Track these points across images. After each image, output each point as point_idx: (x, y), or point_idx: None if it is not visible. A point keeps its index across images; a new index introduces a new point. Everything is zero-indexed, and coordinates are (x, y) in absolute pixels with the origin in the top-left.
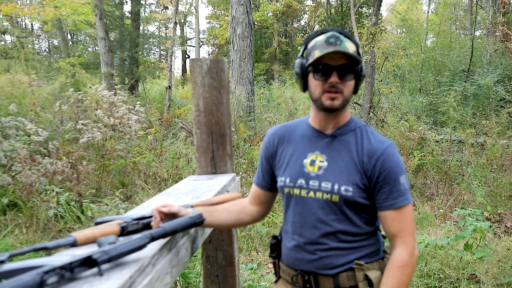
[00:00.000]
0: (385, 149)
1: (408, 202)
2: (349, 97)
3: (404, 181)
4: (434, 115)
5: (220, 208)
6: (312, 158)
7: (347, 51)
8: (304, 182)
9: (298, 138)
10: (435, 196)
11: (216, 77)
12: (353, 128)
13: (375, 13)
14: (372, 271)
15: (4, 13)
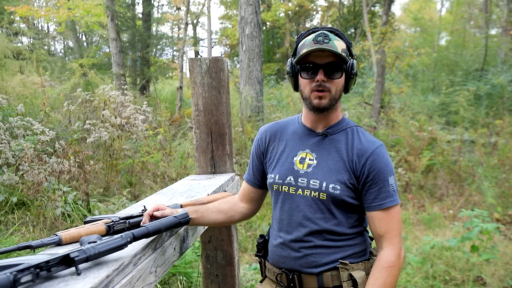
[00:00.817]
0: (375, 149)
1: (396, 203)
2: (338, 96)
3: (392, 182)
4: (446, 115)
5: (211, 206)
6: (302, 156)
7: (332, 49)
8: (293, 180)
9: (289, 135)
10: (445, 197)
11: (215, 76)
12: (344, 128)
13: (386, 12)
14: (357, 271)
15: (20, 15)
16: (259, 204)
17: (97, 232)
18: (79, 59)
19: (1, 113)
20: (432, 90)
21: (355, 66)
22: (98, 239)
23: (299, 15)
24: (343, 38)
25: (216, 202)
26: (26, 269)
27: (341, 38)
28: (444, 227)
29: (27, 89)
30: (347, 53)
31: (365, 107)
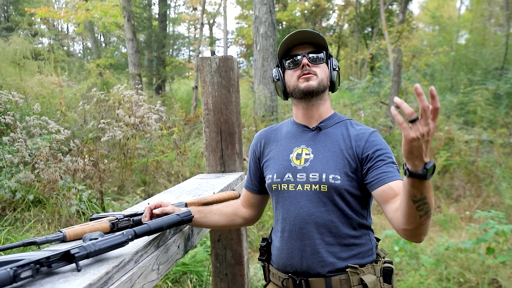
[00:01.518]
0: (372, 132)
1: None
2: (325, 82)
3: (394, 160)
4: (465, 115)
5: (214, 209)
6: (298, 152)
7: (311, 31)
8: (292, 176)
9: (283, 135)
10: (461, 198)
11: (225, 75)
12: (337, 122)
13: (402, 10)
14: (368, 275)
15: (40, 16)
16: (260, 210)
17: (101, 229)
18: (97, 59)
19: (19, 112)
20: (450, 90)
21: (334, 62)
22: (100, 236)
23: (315, 14)
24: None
25: (220, 205)
26: (26, 264)
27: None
28: (460, 229)
29: (45, 89)
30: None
31: (381, 107)
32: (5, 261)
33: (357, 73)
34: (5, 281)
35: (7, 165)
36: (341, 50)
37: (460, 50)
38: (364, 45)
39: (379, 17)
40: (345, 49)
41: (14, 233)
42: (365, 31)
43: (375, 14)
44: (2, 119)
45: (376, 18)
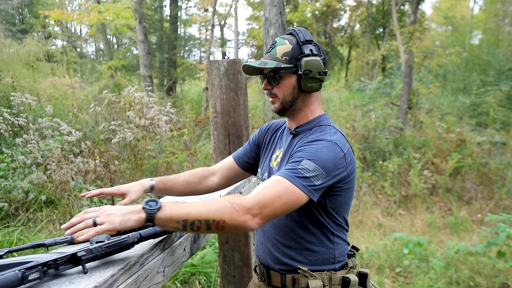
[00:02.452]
0: (313, 140)
1: (287, 178)
2: (288, 99)
3: (305, 167)
4: (477, 116)
5: (180, 180)
6: (277, 154)
7: (255, 64)
8: (267, 176)
9: (279, 135)
10: (473, 200)
11: (233, 78)
12: (312, 127)
13: (414, 11)
14: (314, 281)
15: (53, 18)
16: (229, 184)
17: (107, 232)
18: (109, 61)
19: (32, 114)
20: (463, 91)
21: (303, 66)
22: (106, 238)
23: (327, 15)
24: (296, 37)
25: (187, 175)
26: (34, 266)
27: (294, 36)
28: (471, 232)
29: (57, 90)
30: (294, 54)
31: (392, 108)
32: (14, 263)
33: (368, 74)
34: (14, 282)
35: (20, 166)
36: (352, 50)
37: (473, 50)
38: (375, 46)
39: (391, 18)
40: (356, 49)
41: (27, 233)
42: (377, 32)
43: (387, 14)
44: (16, 121)
45: (388, 19)
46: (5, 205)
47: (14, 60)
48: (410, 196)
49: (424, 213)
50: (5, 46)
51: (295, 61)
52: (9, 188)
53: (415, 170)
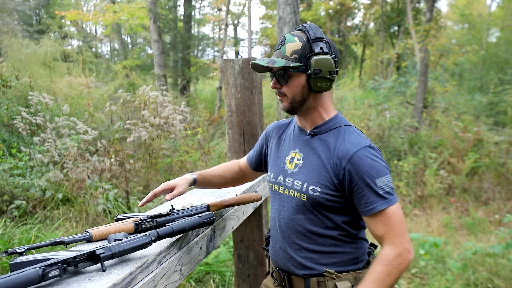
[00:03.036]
0: (356, 151)
1: (390, 204)
2: (297, 98)
3: (382, 184)
4: (495, 115)
5: (217, 174)
6: (292, 156)
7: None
8: (282, 179)
9: (288, 135)
10: (491, 200)
11: (248, 77)
12: (332, 128)
13: (429, 9)
14: (342, 282)
15: (69, 18)
16: (248, 179)
17: (125, 230)
18: (124, 60)
19: (49, 113)
20: (480, 89)
21: (312, 64)
22: (124, 237)
23: (340, 14)
24: (307, 34)
25: (222, 170)
26: (54, 264)
27: (304, 33)
28: (488, 233)
29: (73, 90)
30: (303, 52)
31: (407, 107)
32: (34, 260)
33: (383, 73)
34: (34, 279)
35: (37, 165)
36: (367, 49)
37: (491, 48)
38: (390, 44)
39: (406, 16)
40: (370, 48)
41: (44, 231)
42: (391, 30)
43: (402, 12)
44: (33, 120)
45: (403, 17)
46: (23, 203)
47: (32, 60)
48: (425, 196)
49: (440, 214)
50: (22, 47)
51: (305, 60)
52: (27, 186)
53: (431, 170)
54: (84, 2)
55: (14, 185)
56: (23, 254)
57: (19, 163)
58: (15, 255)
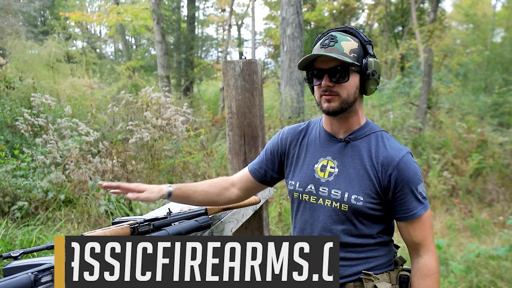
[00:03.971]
0: (402, 157)
1: (427, 209)
2: (350, 99)
3: (421, 190)
4: (499, 116)
5: (200, 189)
6: (323, 164)
7: (329, 54)
8: (314, 188)
9: (311, 140)
10: (495, 202)
11: (248, 79)
12: (367, 134)
13: (433, 9)
14: (382, 283)
15: (73, 20)
16: (250, 195)
17: (121, 234)
18: (128, 61)
19: (51, 114)
20: (484, 90)
21: (370, 66)
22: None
23: (344, 14)
24: (357, 37)
25: (206, 185)
26: (47, 269)
27: (355, 36)
28: (492, 235)
29: (76, 91)
30: (360, 52)
31: (411, 108)
32: (27, 265)
33: (387, 73)
34: (26, 285)
35: (39, 166)
36: None
37: (495, 49)
38: (394, 45)
39: (410, 16)
40: (374, 49)
41: (46, 232)
42: (396, 31)
43: (406, 13)
44: (36, 121)
45: (407, 17)
46: (25, 204)
47: (35, 61)
48: (429, 198)
49: (443, 215)
50: (26, 48)
51: (361, 60)
52: (29, 187)
53: (434, 171)
54: (88, 3)
55: (16, 186)
56: (18, 258)
57: (21, 164)
58: (9, 260)
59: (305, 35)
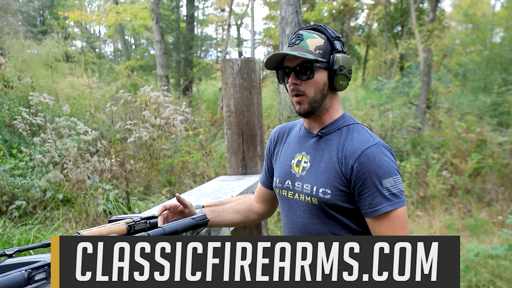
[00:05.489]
0: (364, 150)
1: (396, 207)
2: (318, 97)
3: (389, 185)
4: (498, 116)
5: (227, 207)
6: (299, 159)
7: (292, 52)
8: (291, 184)
9: (292, 137)
10: (494, 202)
11: (247, 77)
12: (340, 127)
13: (433, 9)
14: None
15: (72, 19)
16: (274, 204)
17: (117, 232)
18: (127, 61)
19: (50, 113)
20: (484, 90)
21: (338, 61)
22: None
23: (344, 14)
24: (325, 33)
25: (233, 203)
26: (40, 267)
27: (322, 33)
28: (491, 234)
29: (75, 90)
30: (326, 49)
31: (410, 108)
32: (21, 262)
33: (386, 73)
34: (20, 283)
35: (38, 165)
36: (370, 49)
37: (495, 48)
38: (393, 45)
39: (409, 16)
40: (374, 48)
41: (44, 231)
42: (395, 30)
43: (405, 13)
44: (34, 120)
45: (406, 17)
46: (23, 203)
47: (34, 60)
48: (428, 197)
49: (442, 215)
50: (24, 47)
51: (328, 57)
52: (27, 186)
53: (433, 171)
54: (87, 3)
55: (14, 185)
56: (13, 256)
57: (19, 163)
58: (4, 257)
59: None
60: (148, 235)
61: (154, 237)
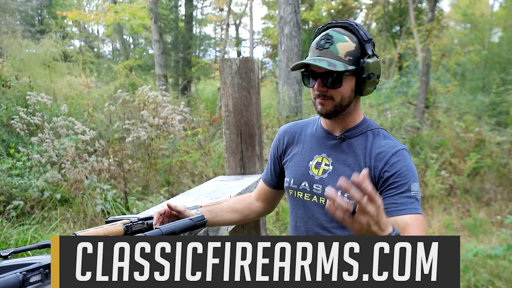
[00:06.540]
0: (396, 152)
1: (419, 212)
2: (344, 103)
3: (416, 190)
4: (497, 115)
5: (225, 207)
6: (318, 161)
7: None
8: (308, 186)
9: (307, 137)
10: (492, 201)
11: (245, 77)
12: (364, 131)
13: (431, 8)
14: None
15: (71, 19)
16: (274, 203)
17: (115, 233)
18: (125, 60)
19: (47, 113)
20: (482, 89)
21: (367, 68)
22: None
23: (342, 14)
24: (356, 35)
25: (231, 202)
26: (36, 269)
27: (354, 34)
28: (490, 234)
29: (73, 90)
30: (357, 53)
31: (409, 107)
32: (16, 264)
33: (385, 73)
34: (14, 285)
35: (35, 165)
36: None
37: (493, 48)
38: (392, 44)
39: (408, 16)
40: None
41: (41, 231)
42: (393, 30)
43: (404, 12)
44: (31, 120)
45: (405, 17)
46: (21, 203)
47: (32, 60)
48: (426, 197)
49: (441, 215)
50: (22, 47)
51: (357, 62)
52: (25, 186)
53: (432, 171)
54: (86, 2)
55: (12, 185)
56: (8, 257)
57: (17, 163)
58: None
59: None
60: (146, 236)
61: (154, 237)
